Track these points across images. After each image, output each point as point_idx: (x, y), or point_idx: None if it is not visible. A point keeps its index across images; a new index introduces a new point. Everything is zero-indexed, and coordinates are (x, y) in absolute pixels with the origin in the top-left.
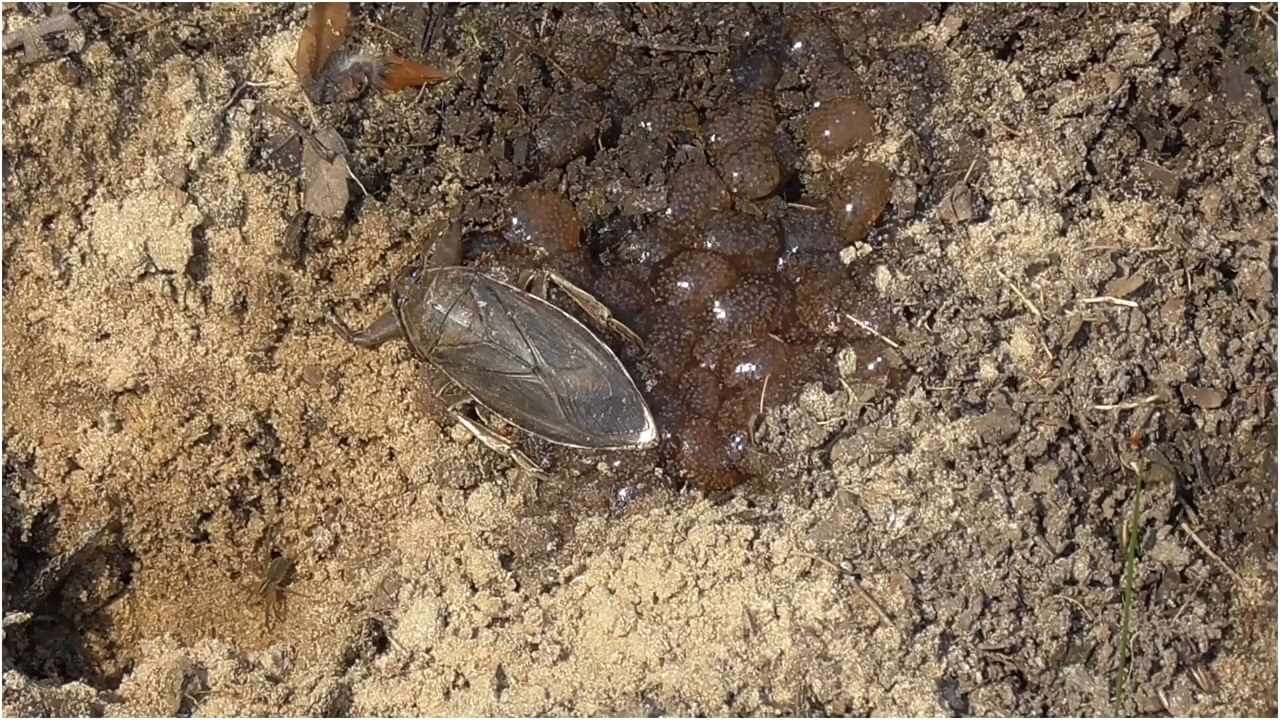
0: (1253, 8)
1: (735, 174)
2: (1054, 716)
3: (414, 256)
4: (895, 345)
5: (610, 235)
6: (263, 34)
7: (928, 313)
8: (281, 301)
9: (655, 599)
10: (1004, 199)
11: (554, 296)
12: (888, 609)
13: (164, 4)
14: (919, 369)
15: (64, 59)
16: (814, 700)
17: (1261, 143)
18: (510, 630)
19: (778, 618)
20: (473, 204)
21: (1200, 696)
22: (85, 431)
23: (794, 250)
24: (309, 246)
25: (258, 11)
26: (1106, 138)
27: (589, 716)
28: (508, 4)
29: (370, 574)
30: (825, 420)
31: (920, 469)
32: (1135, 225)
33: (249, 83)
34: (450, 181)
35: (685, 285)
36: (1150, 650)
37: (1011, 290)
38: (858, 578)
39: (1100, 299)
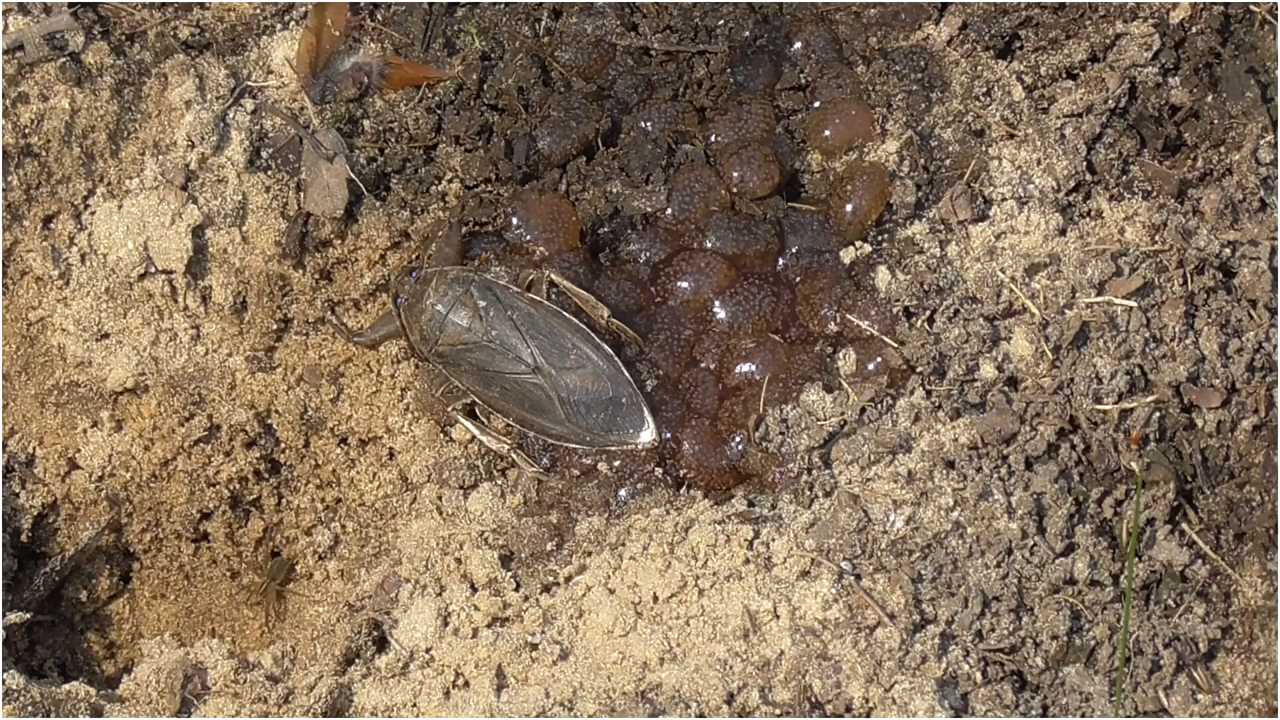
0: (1253, 8)
1: (735, 174)
2: (1054, 716)
3: (414, 256)
4: (895, 345)
5: (610, 235)
6: (263, 34)
7: (928, 313)
8: (281, 301)
9: (655, 599)
10: (1004, 199)
11: (554, 296)
12: (888, 609)
13: (164, 4)
14: (919, 369)
15: (64, 59)
16: (814, 700)
17: (1261, 143)
18: (510, 630)
19: (778, 618)
20: (473, 204)
21: (1200, 696)
22: (85, 431)
23: (794, 250)
24: (309, 246)
25: (258, 11)
26: (1106, 137)
27: (589, 716)
28: (508, 4)
29: (370, 574)
30: (825, 420)
31: (920, 469)
32: (1135, 225)
33: (249, 83)
34: (450, 181)
35: (685, 285)
36: (1150, 650)
37: (1011, 290)
38: (858, 578)
39: (1100, 299)
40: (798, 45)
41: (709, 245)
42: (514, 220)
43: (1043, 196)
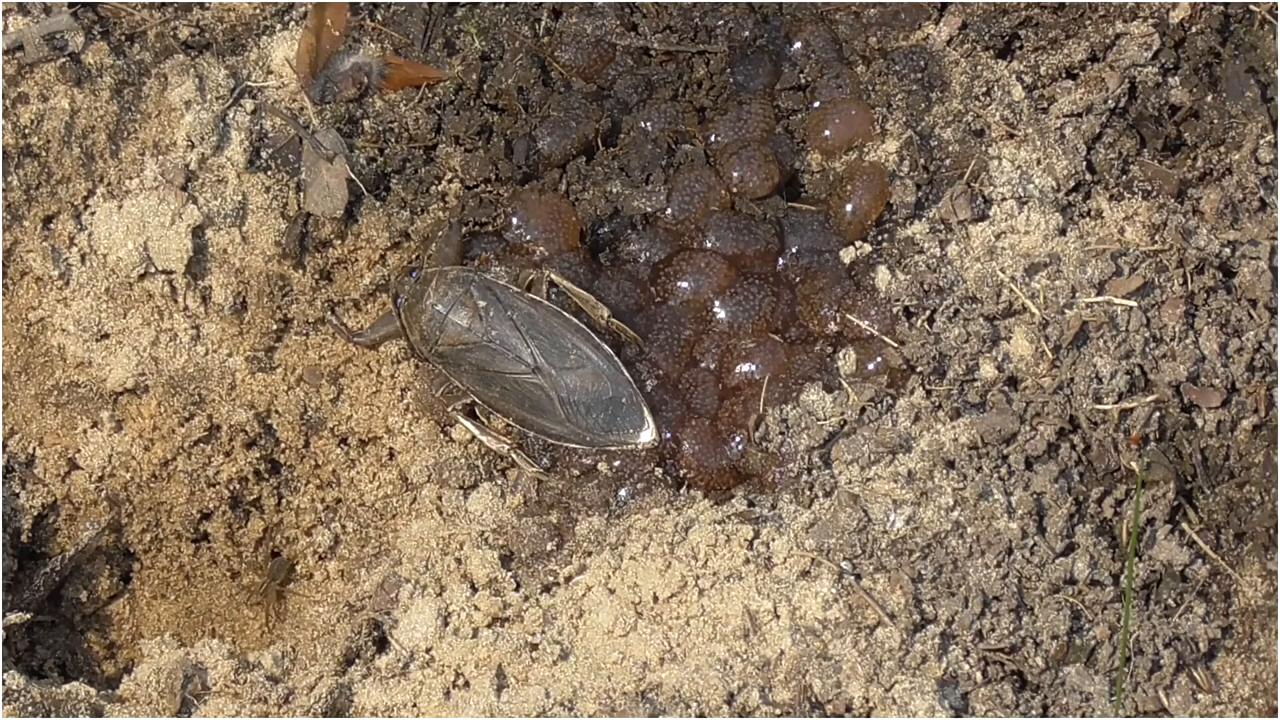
0: (1253, 8)
1: (735, 174)
2: (1054, 716)
3: (414, 256)
4: (895, 345)
5: (610, 235)
6: (262, 34)
7: (928, 312)
8: (281, 301)
9: (655, 599)
10: (1004, 199)
11: (554, 296)
12: (888, 609)
13: (164, 4)
14: (919, 369)
15: (64, 59)
16: (814, 700)
17: (1261, 142)
18: (510, 630)
19: (778, 618)
20: (473, 204)
21: (1200, 696)
22: (85, 431)
23: (794, 250)
24: (309, 246)
25: (258, 11)
26: (1106, 137)
27: (589, 716)
28: (508, 4)
29: (370, 574)
30: (825, 420)
31: (920, 469)
32: (1135, 225)
33: (249, 83)
34: (450, 181)
35: (685, 285)
36: (1150, 650)
37: (1011, 290)
38: (858, 577)
39: (1100, 299)
40: (798, 45)
41: (709, 245)
42: (514, 220)
43: (1043, 196)
